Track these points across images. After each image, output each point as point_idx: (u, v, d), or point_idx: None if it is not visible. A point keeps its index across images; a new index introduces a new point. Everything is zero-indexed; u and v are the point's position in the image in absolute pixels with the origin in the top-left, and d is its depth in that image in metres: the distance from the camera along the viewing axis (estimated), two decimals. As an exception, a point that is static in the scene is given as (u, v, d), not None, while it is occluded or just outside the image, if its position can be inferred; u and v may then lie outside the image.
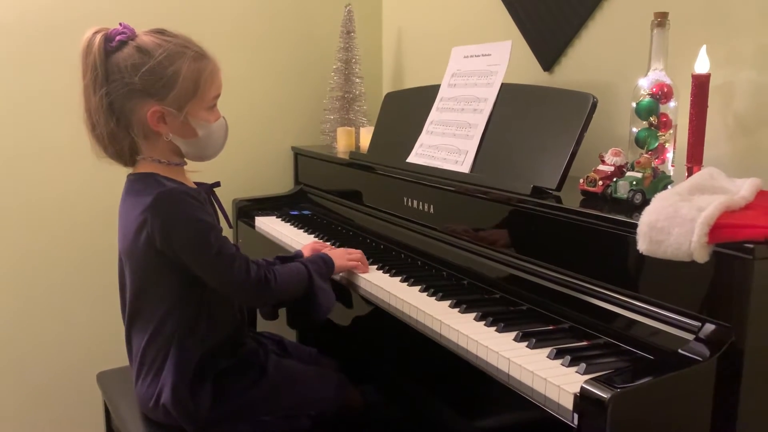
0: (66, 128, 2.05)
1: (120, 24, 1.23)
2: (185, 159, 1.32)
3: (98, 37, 1.20)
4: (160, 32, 1.24)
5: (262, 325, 1.90)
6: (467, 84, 1.64)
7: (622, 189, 1.18)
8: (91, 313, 2.18)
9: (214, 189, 1.36)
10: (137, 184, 1.26)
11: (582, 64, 1.65)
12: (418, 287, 1.37)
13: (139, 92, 1.20)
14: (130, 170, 1.31)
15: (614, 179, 1.22)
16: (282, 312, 1.61)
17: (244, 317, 1.40)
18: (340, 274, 1.50)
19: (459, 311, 1.23)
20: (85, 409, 2.16)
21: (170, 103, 1.22)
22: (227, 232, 1.30)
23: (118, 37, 1.20)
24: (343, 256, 1.48)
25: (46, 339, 2.14)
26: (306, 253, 1.57)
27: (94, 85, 1.20)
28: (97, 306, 2.18)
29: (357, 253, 1.51)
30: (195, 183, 1.33)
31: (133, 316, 1.30)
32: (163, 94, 1.21)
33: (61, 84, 2.03)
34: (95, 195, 2.12)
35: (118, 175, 1.34)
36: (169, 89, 1.21)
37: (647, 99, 1.26)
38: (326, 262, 1.43)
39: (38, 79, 2.02)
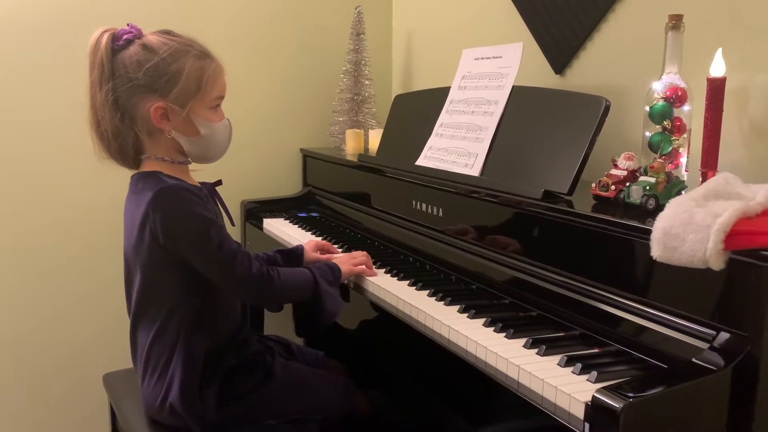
0: (70, 130, 2.05)
1: (128, 24, 1.25)
2: (189, 158, 1.33)
3: (106, 35, 1.23)
4: (167, 32, 1.27)
5: (269, 328, 1.89)
6: (477, 86, 1.62)
7: (635, 194, 1.17)
8: (98, 314, 2.18)
9: (217, 188, 1.37)
10: (140, 182, 1.26)
11: (594, 67, 1.63)
12: (427, 291, 1.35)
13: (142, 88, 1.22)
14: (132, 172, 1.31)
15: (627, 184, 1.20)
16: (290, 319, 1.61)
17: (247, 314, 1.39)
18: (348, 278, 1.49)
19: (468, 316, 1.22)
20: (90, 410, 2.16)
21: (173, 99, 1.23)
22: (230, 231, 1.29)
23: (125, 36, 1.23)
24: (348, 262, 1.47)
25: (53, 340, 2.14)
26: (308, 249, 1.57)
27: (100, 82, 1.22)
28: (103, 307, 2.18)
29: (361, 257, 1.50)
30: (199, 182, 1.34)
31: (138, 315, 1.29)
32: (166, 90, 1.22)
33: (64, 87, 2.04)
34: (100, 196, 2.12)
35: (123, 176, 1.34)
36: (172, 86, 1.22)
37: (661, 102, 1.24)
38: (332, 269, 1.42)
39: (41, 80, 2.02)
